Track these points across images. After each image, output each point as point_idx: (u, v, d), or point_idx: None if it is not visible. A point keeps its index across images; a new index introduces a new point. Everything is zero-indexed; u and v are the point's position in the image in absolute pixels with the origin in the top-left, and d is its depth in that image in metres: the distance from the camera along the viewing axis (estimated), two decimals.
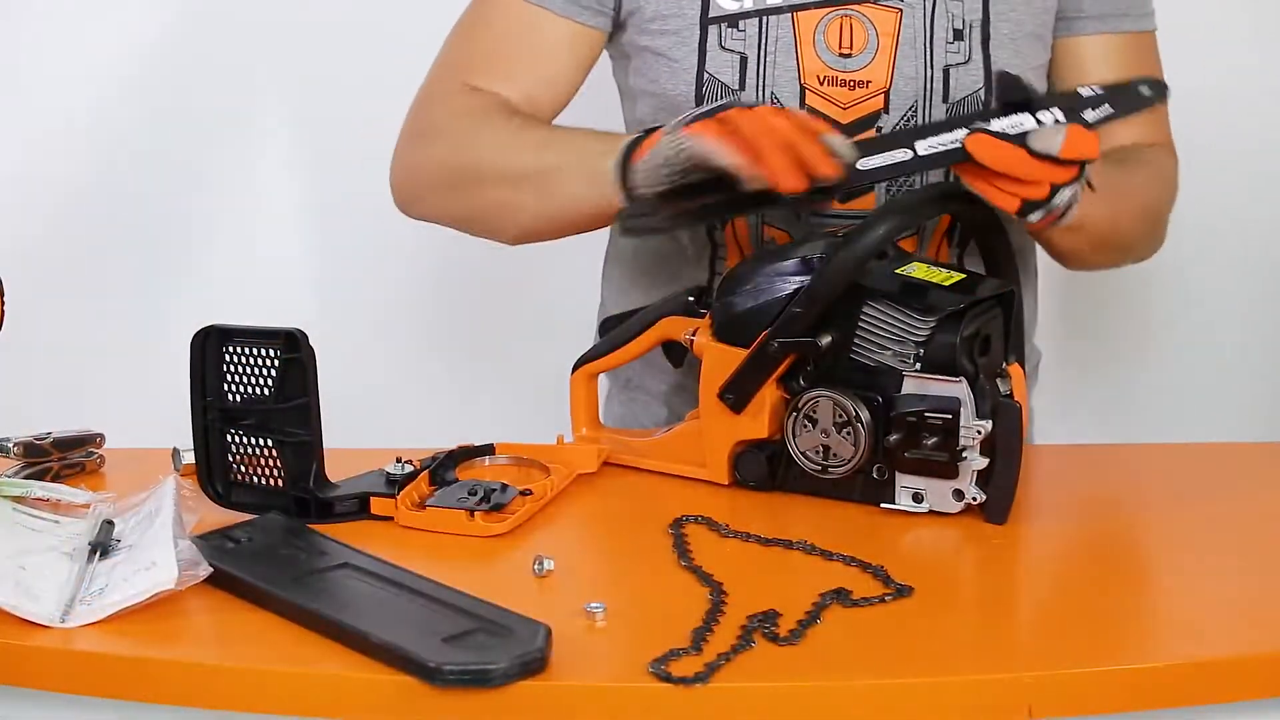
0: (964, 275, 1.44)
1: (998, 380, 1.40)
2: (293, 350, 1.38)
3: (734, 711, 1.11)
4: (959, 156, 1.35)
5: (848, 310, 1.40)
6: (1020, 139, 1.33)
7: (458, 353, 2.58)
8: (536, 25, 1.62)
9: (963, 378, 1.36)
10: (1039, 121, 1.33)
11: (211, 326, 1.40)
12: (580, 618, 1.19)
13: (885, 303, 1.39)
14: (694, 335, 1.48)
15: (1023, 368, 1.44)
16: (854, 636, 1.18)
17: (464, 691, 1.10)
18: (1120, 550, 1.32)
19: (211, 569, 1.23)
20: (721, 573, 1.27)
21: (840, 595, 1.23)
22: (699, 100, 1.60)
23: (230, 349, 1.40)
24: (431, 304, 2.51)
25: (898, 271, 1.43)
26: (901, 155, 1.37)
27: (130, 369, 2.48)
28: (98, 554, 1.29)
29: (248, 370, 1.40)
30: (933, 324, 1.37)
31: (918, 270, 1.43)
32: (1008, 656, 1.16)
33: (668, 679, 1.10)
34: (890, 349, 1.39)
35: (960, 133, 1.35)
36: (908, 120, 1.59)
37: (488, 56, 1.64)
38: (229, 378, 1.40)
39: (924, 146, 1.36)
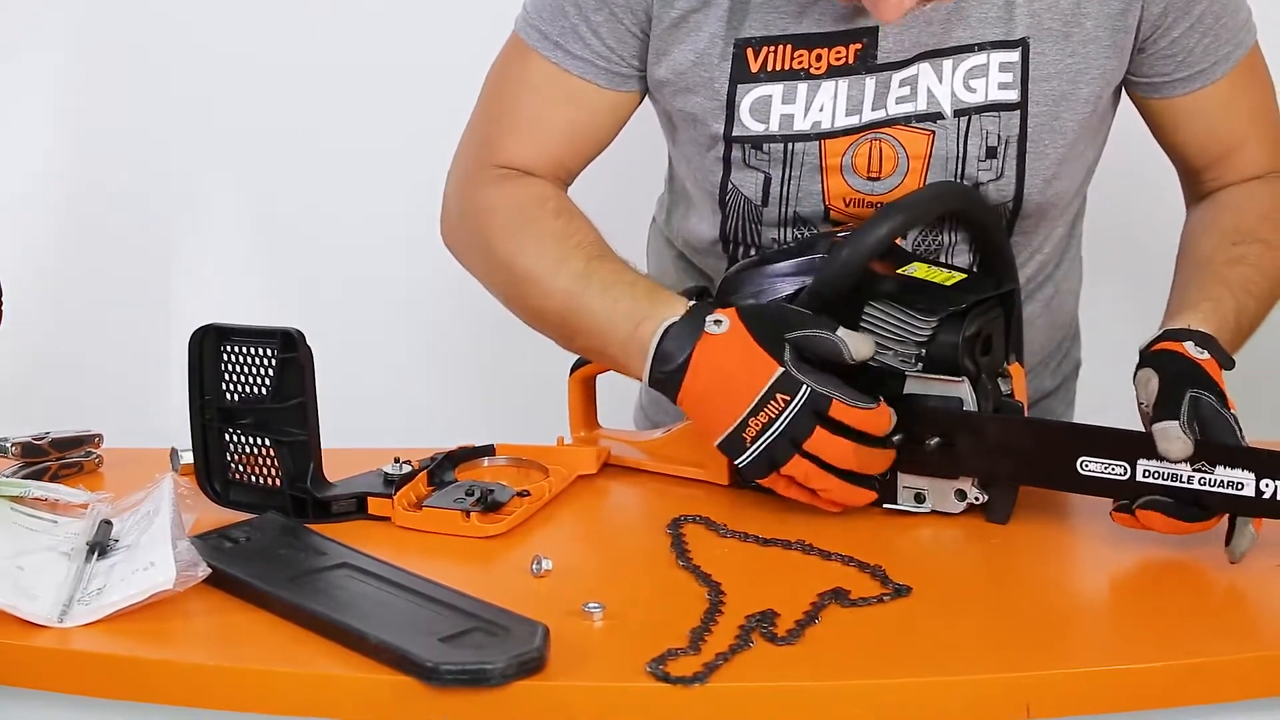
0: (965, 275, 1.43)
1: (999, 380, 1.40)
2: (290, 350, 1.38)
3: (732, 711, 1.11)
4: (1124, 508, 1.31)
5: (850, 310, 1.39)
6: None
7: (460, 353, 2.58)
8: (576, 94, 1.56)
9: (965, 378, 1.36)
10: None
11: (209, 325, 1.40)
12: (578, 617, 1.19)
13: (887, 303, 1.39)
14: None
15: (1023, 366, 1.43)
16: (852, 636, 1.18)
17: (462, 691, 1.10)
18: (1120, 551, 1.31)
19: (210, 570, 1.23)
20: (720, 572, 1.27)
21: (838, 595, 1.22)
22: (723, 205, 1.57)
23: (228, 348, 1.40)
24: (433, 303, 2.51)
25: (899, 271, 1.42)
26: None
27: (128, 369, 2.48)
28: (96, 554, 1.29)
29: (245, 370, 1.40)
30: (935, 324, 1.37)
31: (919, 270, 1.43)
32: (1006, 656, 1.15)
33: (666, 679, 1.10)
34: (892, 349, 1.38)
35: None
36: (928, 239, 1.55)
37: (522, 124, 1.59)
38: (227, 377, 1.40)
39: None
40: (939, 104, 1.50)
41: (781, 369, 1.33)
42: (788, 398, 1.33)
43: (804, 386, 1.33)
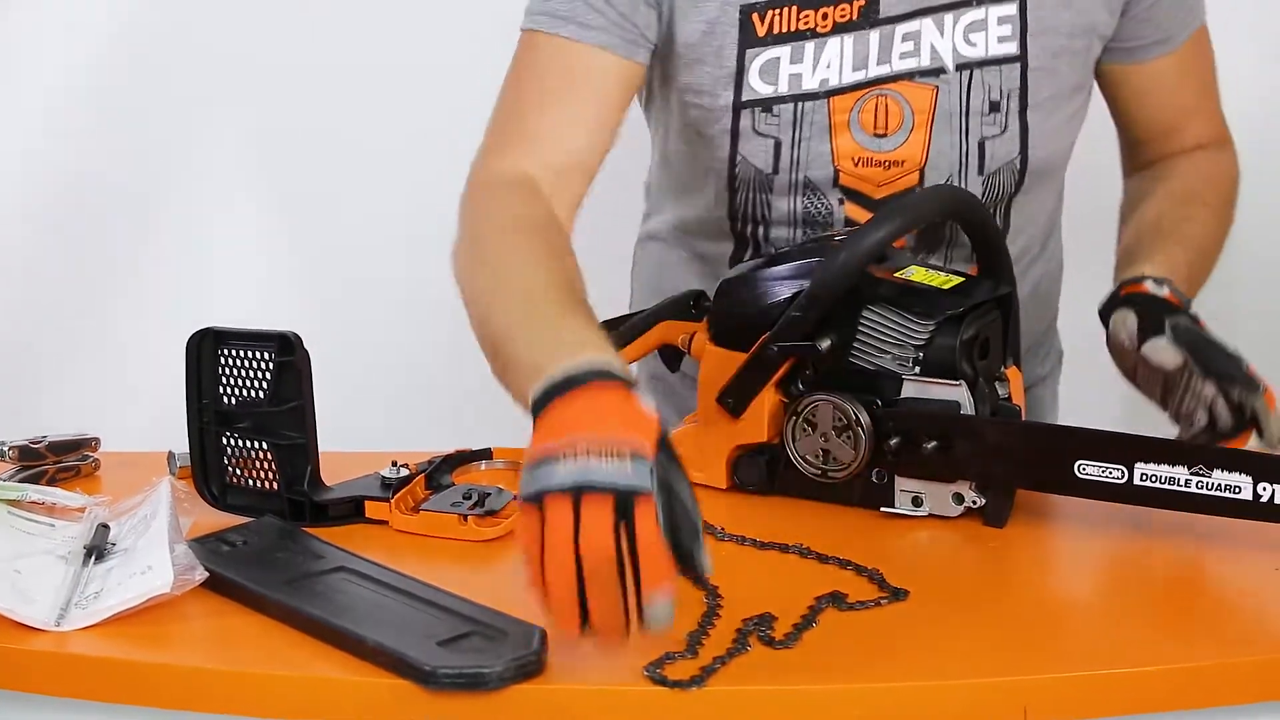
0: (963, 278, 1.43)
1: (996, 383, 1.40)
2: (287, 353, 1.38)
3: (729, 715, 1.11)
4: None
5: (847, 314, 1.39)
6: None
7: (458, 356, 2.56)
8: (590, 71, 1.52)
9: (962, 381, 1.36)
10: None
11: (207, 329, 1.40)
12: None
13: (885, 306, 1.39)
14: (690, 340, 1.48)
15: (1020, 369, 1.44)
16: (849, 640, 1.17)
17: (459, 695, 1.10)
18: (1117, 554, 1.32)
19: (207, 574, 1.23)
20: (717, 576, 1.25)
21: (835, 599, 1.22)
22: (732, 180, 1.57)
23: (226, 351, 1.40)
24: (433, 305, 2.50)
25: (896, 275, 1.42)
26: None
27: (126, 372, 2.48)
28: (93, 557, 1.29)
29: (243, 373, 1.40)
30: (932, 327, 1.37)
31: (916, 274, 1.43)
32: (1003, 659, 1.15)
33: (663, 682, 1.10)
34: (890, 352, 1.38)
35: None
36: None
37: (527, 129, 1.53)
38: (224, 380, 1.40)
39: None
40: (941, 59, 1.53)
41: (653, 444, 1.10)
42: (623, 459, 1.07)
43: (649, 468, 1.08)
